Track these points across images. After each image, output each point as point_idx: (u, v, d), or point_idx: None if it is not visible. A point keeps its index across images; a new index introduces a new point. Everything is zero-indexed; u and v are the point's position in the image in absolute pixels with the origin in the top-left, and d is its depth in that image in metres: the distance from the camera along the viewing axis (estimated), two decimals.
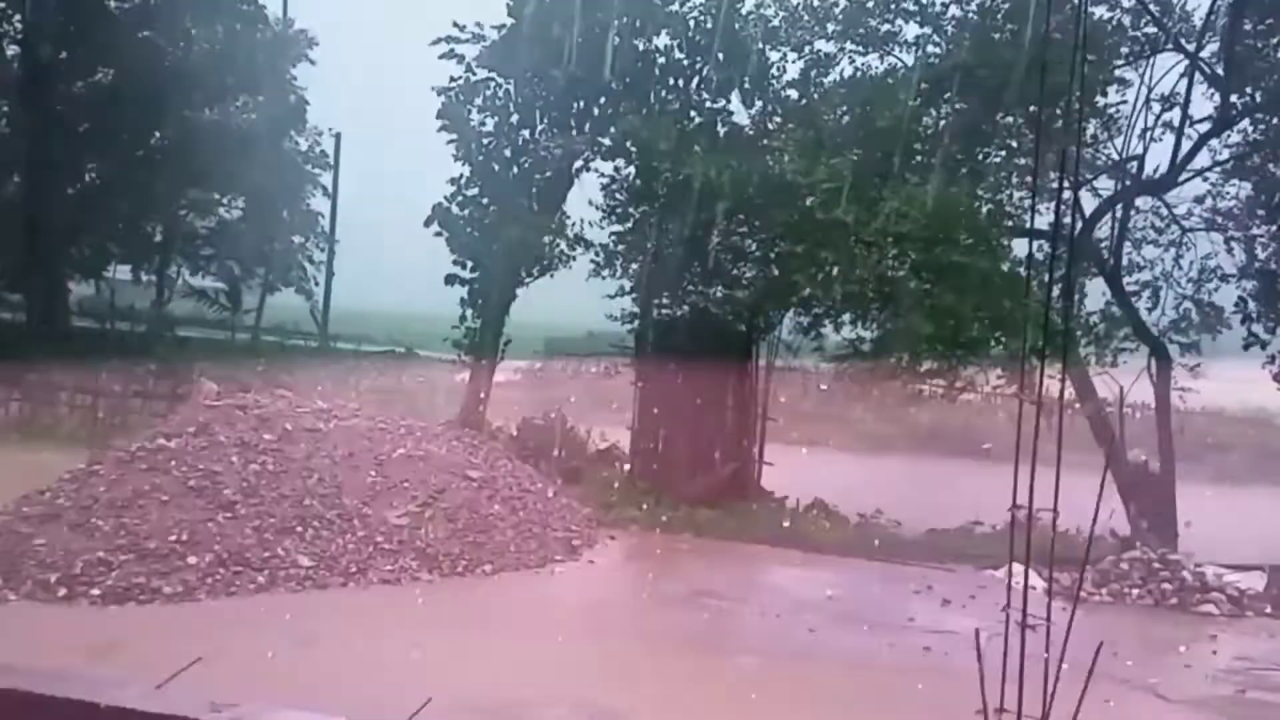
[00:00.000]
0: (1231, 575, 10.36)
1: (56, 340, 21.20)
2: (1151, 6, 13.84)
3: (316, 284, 29.97)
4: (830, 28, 13.95)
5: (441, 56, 15.24)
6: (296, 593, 8.74)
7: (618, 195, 14.85)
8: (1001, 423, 20.60)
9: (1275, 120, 14.10)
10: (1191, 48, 13.75)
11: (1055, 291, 11.31)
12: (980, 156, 13.81)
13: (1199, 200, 14.46)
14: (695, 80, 14.84)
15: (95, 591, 8.17)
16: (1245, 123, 14.16)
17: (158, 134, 23.56)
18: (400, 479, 10.51)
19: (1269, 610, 9.98)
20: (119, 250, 27.23)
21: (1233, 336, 15.45)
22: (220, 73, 22.31)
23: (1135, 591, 9.92)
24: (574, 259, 15.06)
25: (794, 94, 14.49)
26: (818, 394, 23.94)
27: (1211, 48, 13.85)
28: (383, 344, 28.79)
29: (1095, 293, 14.57)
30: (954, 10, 13.93)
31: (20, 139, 23.27)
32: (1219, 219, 14.43)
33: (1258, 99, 13.92)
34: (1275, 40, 13.83)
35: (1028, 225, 13.51)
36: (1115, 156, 14.47)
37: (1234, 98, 13.75)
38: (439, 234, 15.12)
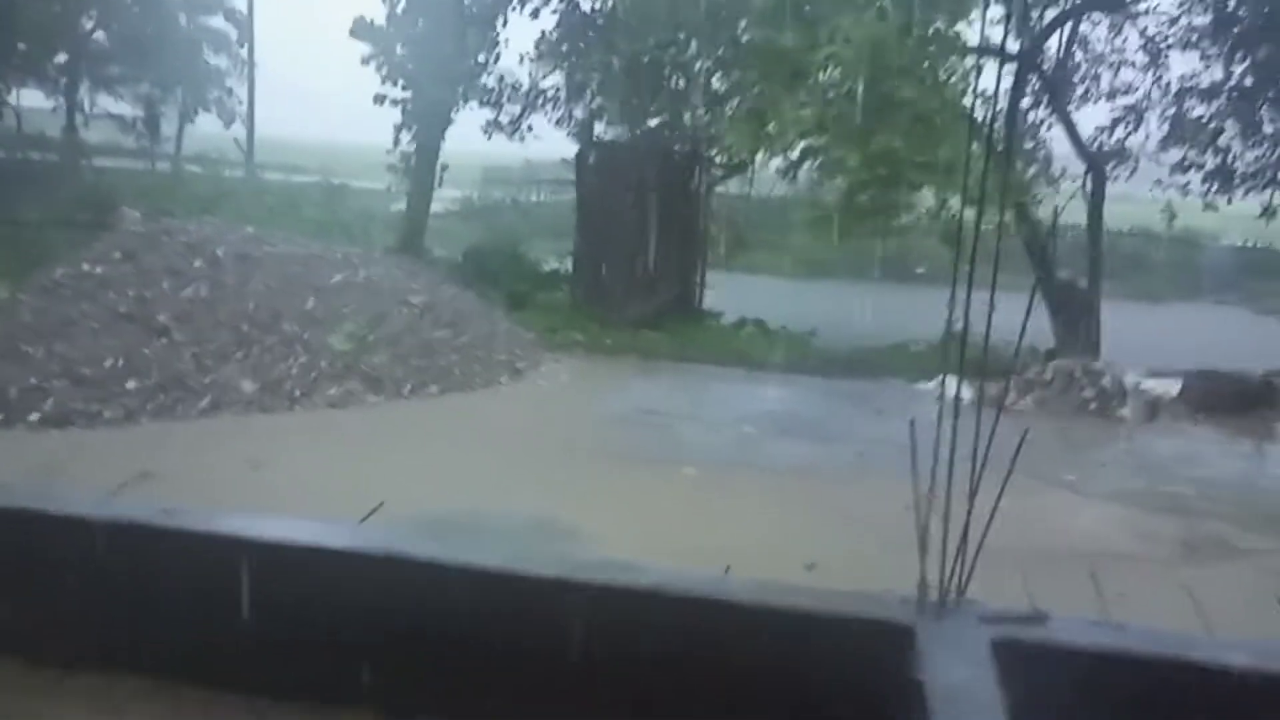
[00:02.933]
0: (1149, 382, 10.89)
1: None
2: None
3: (238, 105, 28.53)
4: None
5: None
6: (241, 416, 8.74)
7: (547, 29, 14.19)
8: (936, 248, 20.97)
9: None
10: None
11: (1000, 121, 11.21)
12: None
13: (1173, 21, 14.33)
14: None
15: (33, 417, 8.06)
16: None
17: None
18: (340, 304, 10.39)
19: (1182, 413, 10.57)
20: (20, 72, 25.47)
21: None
22: None
23: (1057, 400, 10.40)
24: (512, 86, 14.52)
25: None
26: (756, 221, 23.95)
27: None
28: (313, 174, 27.82)
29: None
30: None
31: None
32: (1194, 37, 14.35)
33: None
34: None
35: (977, 46, 13.21)
36: None
37: None
38: (367, 59, 14.36)
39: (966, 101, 11.84)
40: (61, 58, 26.14)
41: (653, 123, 14.10)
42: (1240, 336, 16.57)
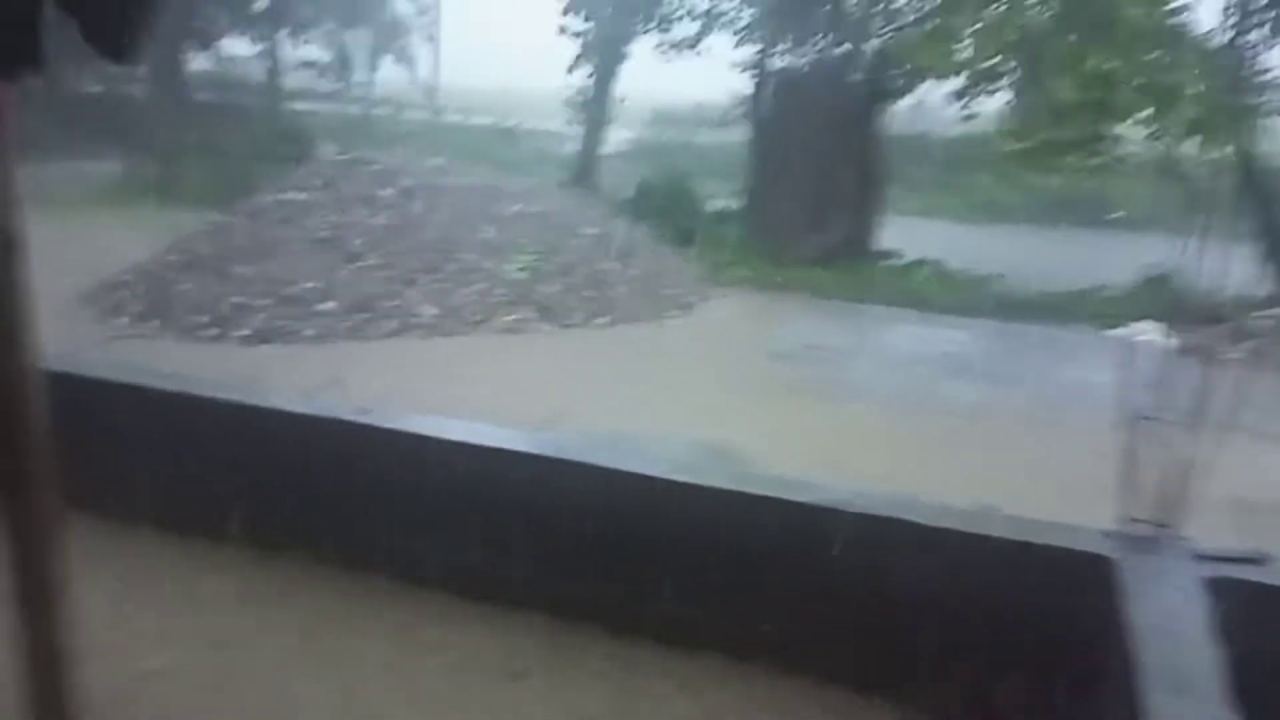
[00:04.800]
0: None
1: (179, 111, 21.69)
2: None
3: (421, 56, 29.50)
4: None
5: None
6: (425, 338, 9.15)
7: None
8: (1135, 190, 19.42)
9: None
10: None
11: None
12: None
13: None
14: None
15: (243, 332, 8.71)
16: None
17: None
18: (516, 235, 10.66)
19: None
20: (228, 18, 27.20)
21: None
22: None
23: (1276, 350, 9.48)
24: (692, 11, 14.27)
25: None
26: (940, 161, 22.84)
27: None
28: (493, 116, 28.53)
29: None
30: None
31: None
32: None
33: None
34: None
35: None
36: None
37: None
38: None
39: (1190, 21, 10.83)
40: (262, 4, 27.72)
41: (834, 51, 13.58)
42: None
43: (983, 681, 3.22)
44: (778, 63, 14.06)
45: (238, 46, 29.03)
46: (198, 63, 27.25)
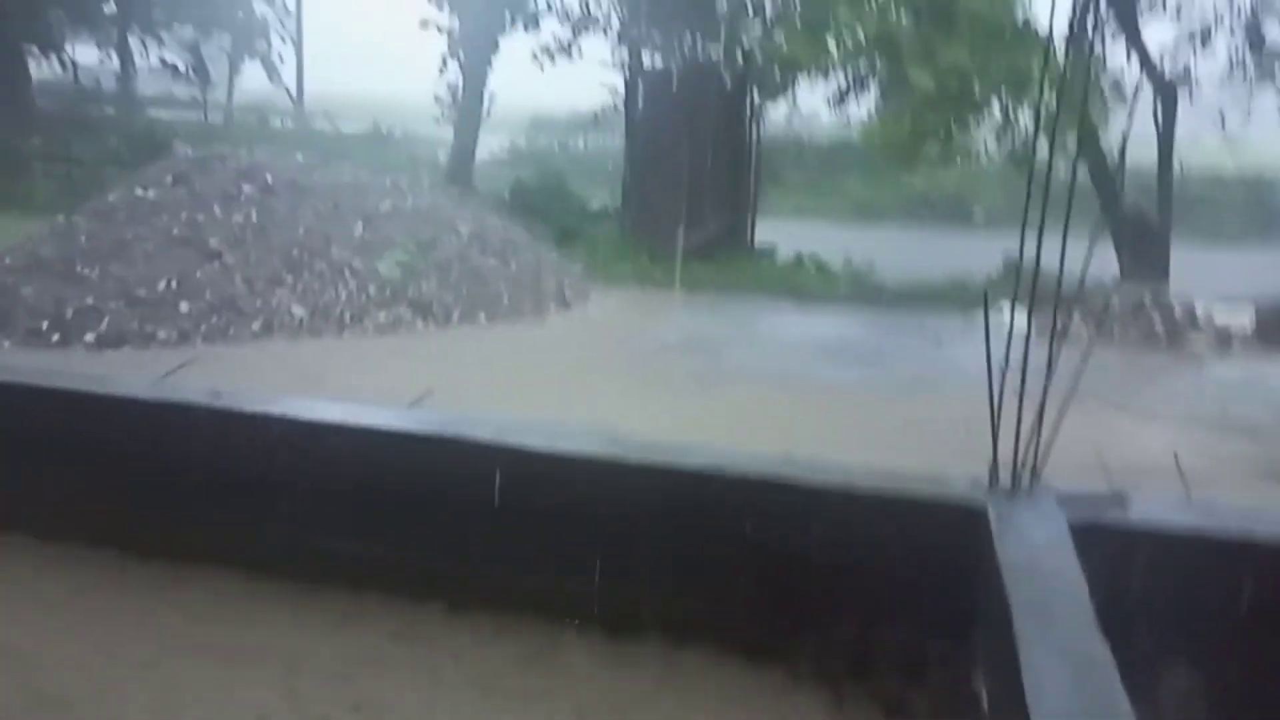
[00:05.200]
0: (1221, 311, 10.45)
1: (22, 120, 20.34)
2: None
3: (282, 60, 28.55)
4: None
5: None
6: (294, 340, 8.75)
7: None
8: (994, 189, 20.36)
9: None
10: None
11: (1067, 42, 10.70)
12: None
13: None
14: None
15: (89, 338, 8.15)
16: None
17: None
18: (389, 232, 10.33)
19: (1256, 345, 10.13)
20: (72, 22, 25.71)
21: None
22: None
23: (1125, 329, 10.02)
24: (564, 14, 14.19)
25: None
26: (812, 164, 23.46)
27: None
28: (362, 122, 27.82)
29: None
30: None
31: None
32: None
33: None
34: None
35: None
36: None
37: None
38: None
39: (1033, 16, 11.36)
40: (111, 7, 26.32)
41: (705, 52, 13.72)
42: None
43: (863, 636, 3.21)
44: (650, 64, 14.12)
45: (85, 53, 27.49)
46: (42, 70, 25.66)
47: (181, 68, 27.95)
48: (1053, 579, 2.77)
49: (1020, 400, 3.33)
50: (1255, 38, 14.06)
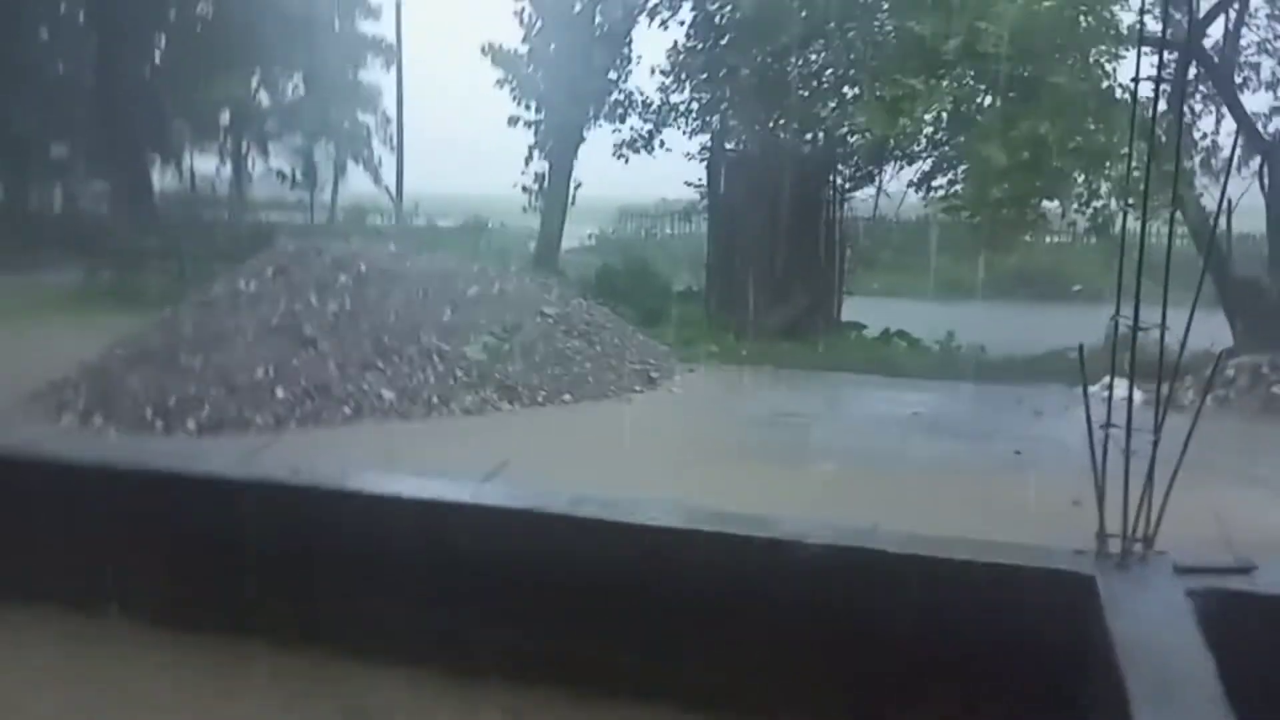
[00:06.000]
0: None
1: (143, 223, 21.70)
2: None
3: (381, 164, 29.82)
4: None
5: None
6: (383, 422, 8.90)
7: (679, 45, 14.22)
8: (1093, 263, 19.73)
9: None
10: None
11: (1162, 106, 10.46)
12: None
13: None
14: None
15: (191, 424, 8.43)
16: None
17: (209, 8, 23.12)
18: (476, 316, 10.53)
19: None
20: (193, 133, 27.52)
21: None
22: None
23: (1243, 398, 9.45)
24: (645, 106, 14.57)
25: None
26: (896, 240, 23.19)
27: None
28: (457, 218, 28.81)
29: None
30: None
31: (90, 27, 23.35)
32: None
33: None
34: None
35: (1133, 32, 12.40)
36: None
37: None
38: (500, 83, 14.76)
39: (1119, 85, 11.13)
40: (226, 119, 28.10)
41: (784, 131, 13.85)
42: None
43: (962, 714, 2.97)
44: (731, 147, 14.31)
45: (204, 162, 29.34)
46: (164, 178, 27.45)
47: (289, 173, 29.53)
48: (1173, 657, 2.52)
49: (1126, 466, 3.10)
50: None
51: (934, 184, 14.09)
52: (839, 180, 14.45)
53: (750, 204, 13.72)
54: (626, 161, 15.27)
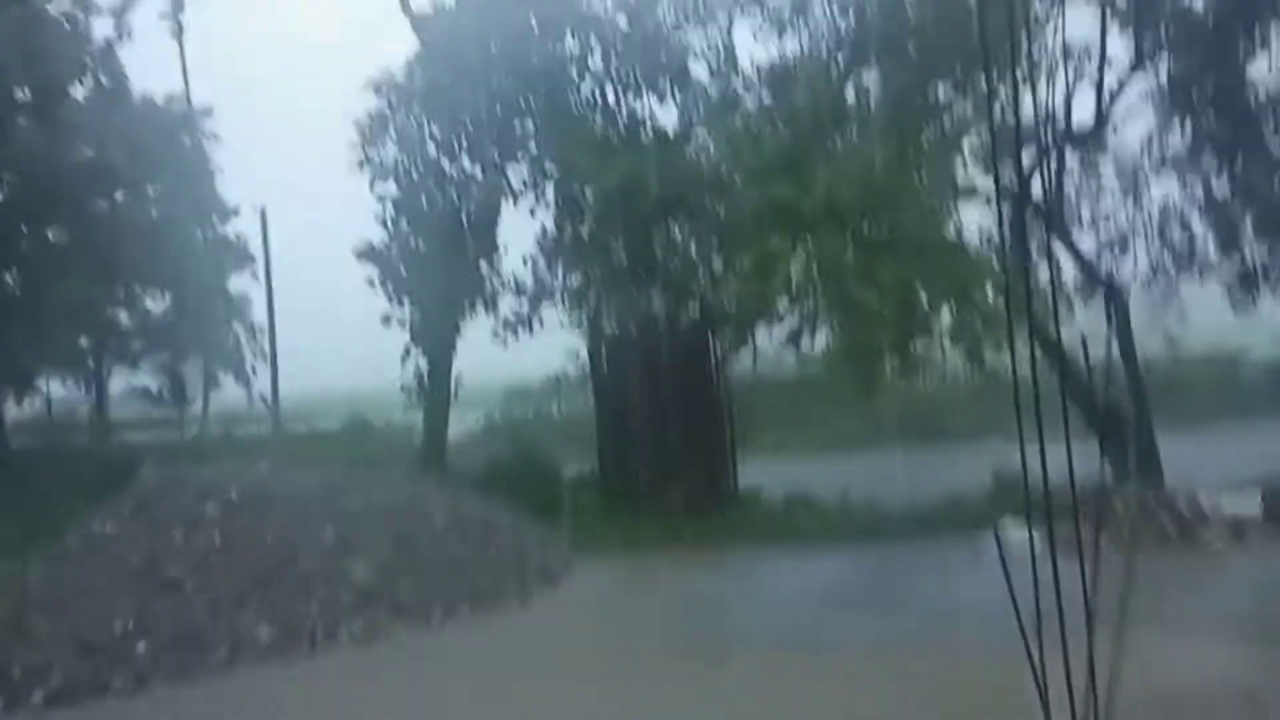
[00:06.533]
0: (1227, 501, 10.09)
1: None
2: None
3: (255, 374, 28.99)
4: (736, 14, 13.74)
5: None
6: (260, 666, 8.07)
7: (546, 223, 14.56)
8: (964, 400, 20.47)
9: (1190, 57, 14.04)
10: None
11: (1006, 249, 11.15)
12: (912, 124, 13.61)
13: (1144, 145, 14.51)
14: (612, 84, 14.51)
15: (37, 697, 7.45)
16: (1161, 62, 14.14)
17: (63, 231, 22.44)
18: (360, 532, 9.90)
19: (1272, 531, 9.71)
20: (48, 360, 26.24)
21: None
22: (124, 160, 21.41)
23: (1134, 532, 9.57)
24: (518, 287, 14.66)
25: (712, 87, 14.24)
26: (779, 397, 23.63)
27: None
28: (337, 420, 28.00)
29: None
30: None
31: None
32: (1166, 158, 14.50)
33: (1170, 36, 13.90)
34: None
35: (972, 186, 13.31)
36: (1040, 109, 14.38)
37: (1147, 38, 13.76)
38: (373, 282, 14.64)
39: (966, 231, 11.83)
40: (85, 342, 26.97)
41: (660, 305, 14.06)
42: None
43: None
44: (609, 324, 14.41)
45: (60, 386, 27.89)
46: (15, 409, 25.87)
47: (155, 390, 28.33)
48: None
49: (1064, 645, 2.91)
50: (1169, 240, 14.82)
51: (804, 338, 14.41)
52: (718, 347, 14.62)
53: (634, 381, 13.70)
54: (505, 345, 15.16)
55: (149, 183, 23.40)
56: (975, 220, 13.64)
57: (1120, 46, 13.89)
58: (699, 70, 14.24)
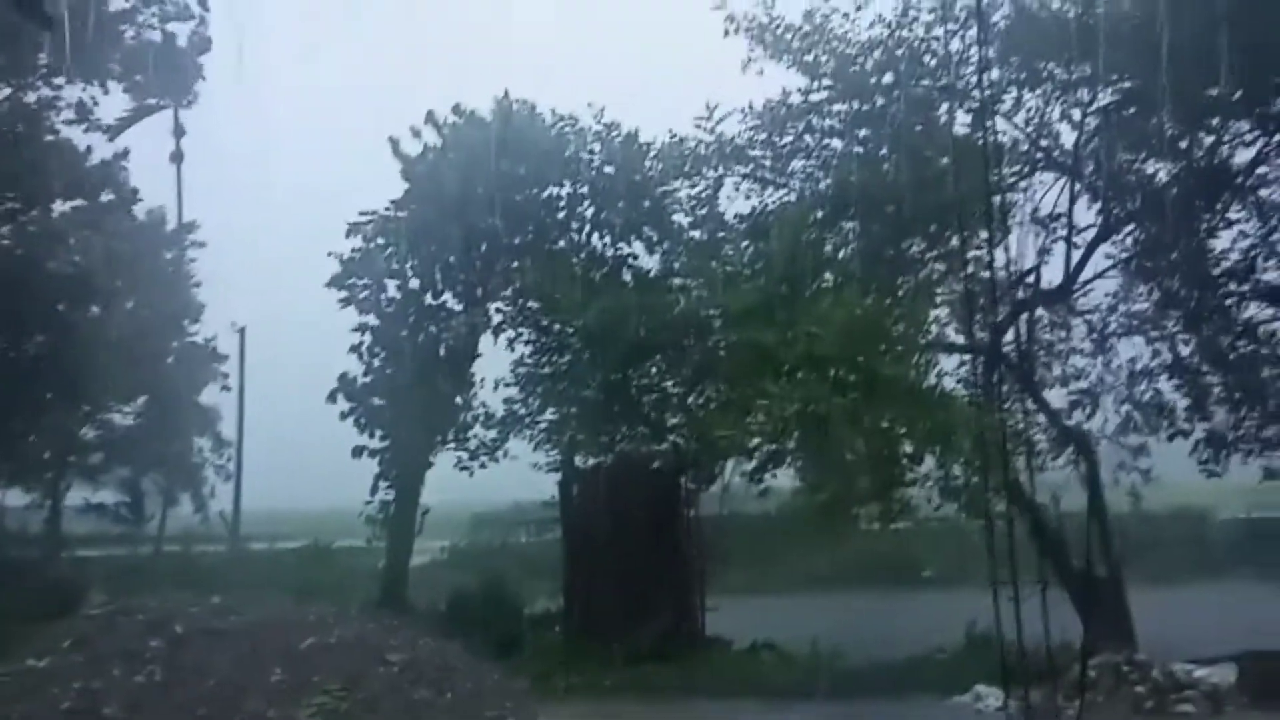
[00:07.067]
0: (1202, 671, 9.91)
1: None
2: (1028, 130, 14.44)
3: (214, 494, 28.41)
4: (721, 167, 14.22)
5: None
6: None
7: (524, 359, 14.64)
8: (941, 547, 20.32)
9: (1154, 227, 14.55)
10: (1069, 164, 14.30)
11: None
12: (887, 276, 13.94)
13: (1112, 307, 14.91)
14: (597, 228, 14.89)
15: None
16: (1129, 229, 14.66)
17: (35, 340, 22.24)
18: (311, 671, 9.46)
19: (1247, 702, 9.50)
20: (7, 470, 25.62)
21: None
22: (102, 273, 21.46)
23: (1109, 700, 9.36)
24: (489, 417, 14.61)
25: (695, 234, 14.61)
26: (753, 536, 23.35)
27: (1088, 166, 14.41)
28: (299, 539, 27.36)
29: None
30: (836, 143, 14.31)
31: None
32: (1134, 321, 14.89)
33: (1137, 206, 14.44)
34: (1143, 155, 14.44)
35: (947, 339, 13.57)
36: (1011, 271, 14.77)
37: (1114, 208, 14.32)
38: (346, 414, 14.55)
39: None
40: (46, 454, 26.40)
41: (631, 442, 14.04)
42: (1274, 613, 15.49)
43: None
44: (580, 459, 14.33)
45: (13, 496, 27.16)
46: None
47: (113, 506, 27.63)
48: None
49: None
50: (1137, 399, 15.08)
51: (775, 477, 14.33)
52: (688, 486, 14.50)
53: (604, 519, 13.51)
54: (471, 474, 15.01)
55: (128, 296, 23.49)
56: (950, 372, 13.92)
57: (1088, 216, 14.45)
58: (682, 218, 14.67)
